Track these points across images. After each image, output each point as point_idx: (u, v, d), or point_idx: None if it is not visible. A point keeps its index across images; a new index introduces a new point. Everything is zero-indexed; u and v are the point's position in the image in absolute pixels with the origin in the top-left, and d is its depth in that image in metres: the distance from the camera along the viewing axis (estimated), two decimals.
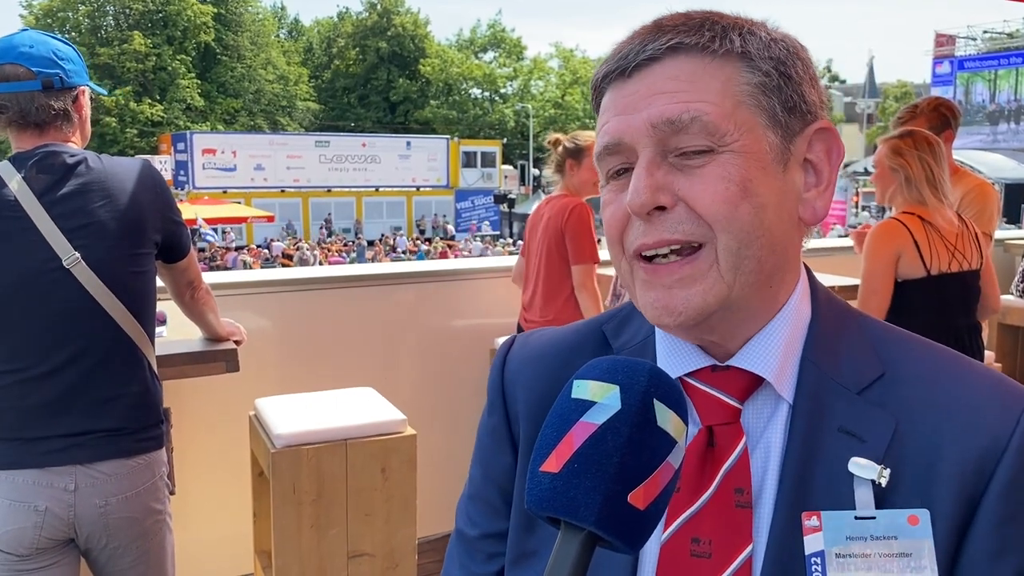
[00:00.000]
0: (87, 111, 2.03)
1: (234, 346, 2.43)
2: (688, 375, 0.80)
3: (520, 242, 3.81)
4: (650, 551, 0.77)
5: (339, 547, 2.61)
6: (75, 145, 1.98)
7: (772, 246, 0.75)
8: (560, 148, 3.46)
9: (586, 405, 0.61)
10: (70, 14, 44.64)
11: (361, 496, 2.61)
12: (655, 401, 0.60)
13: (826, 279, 3.82)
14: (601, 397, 0.61)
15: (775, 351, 0.78)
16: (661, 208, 0.74)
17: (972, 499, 0.72)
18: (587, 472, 0.58)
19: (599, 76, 0.79)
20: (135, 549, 1.94)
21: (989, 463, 0.72)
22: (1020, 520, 0.72)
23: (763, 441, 0.78)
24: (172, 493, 2.12)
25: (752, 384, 0.78)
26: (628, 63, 0.76)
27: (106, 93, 2.07)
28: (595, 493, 0.57)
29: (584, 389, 0.62)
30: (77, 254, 1.84)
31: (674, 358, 0.81)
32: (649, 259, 0.76)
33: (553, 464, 0.60)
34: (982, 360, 3.02)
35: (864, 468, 0.73)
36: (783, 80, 0.76)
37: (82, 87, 2.00)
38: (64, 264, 1.83)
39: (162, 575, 2.02)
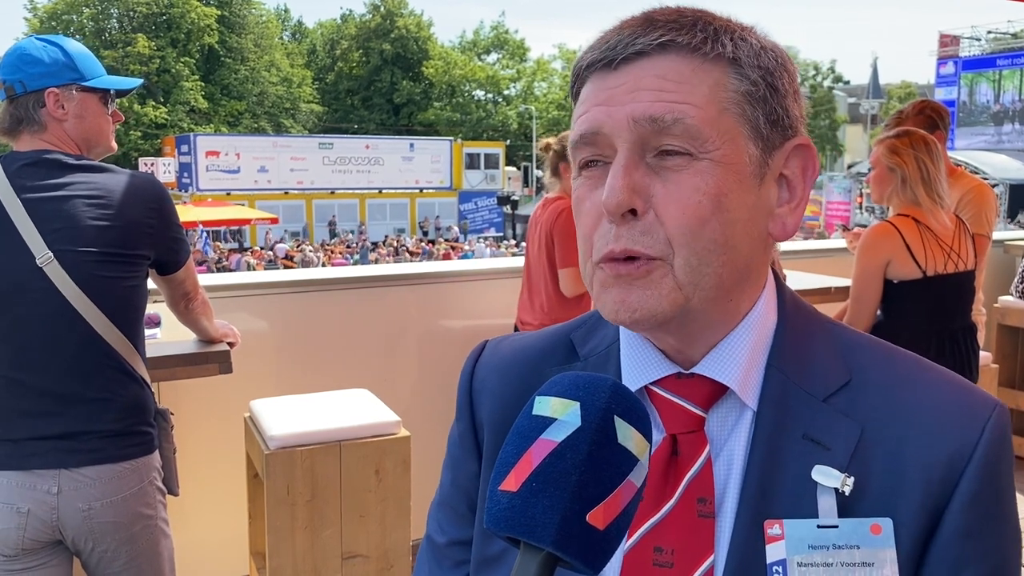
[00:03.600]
0: (70, 111, 1.95)
1: (227, 348, 2.43)
2: (653, 383, 0.79)
3: (524, 243, 3.83)
4: (612, 561, 0.75)
5: (333, 548, 2.61)
6: (71, 149, 1.95)
7: (734, 262, 0.74)
8: (551, 152, 3.50)
9: (546, 422, 0.60)
10: (74, 17, 44.81)
11: (355, 497, 2.61)
12: (616, 418, 0.59)
13: (824, 280, 3.82)
14: (561, 414, 0.60)
15: (739, 358, 0.77)
16: (633, 212, 0.72)
17: (936, 509, 0.71)
18: (545, 491, 0.57)
19: (582, 64, 0.77)
20: (124, 554, 1.94)
21: (954, 473, 0.72)
22: (982, 531, 0.72)
23: (726, 449, 0.77)
24: (175, 495, 2.10)
25: (716, 392, 0.77)
26: (615, 55, 0.74)
27: (107, 87, 2.02)
28: (553, 512, 0.56)
29: (545, 406, 0.61)
30: (51, 253, 1.82)
31: (638, 366, 0.81)
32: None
33: (512, 483, 0.58)
34: (977, 361, 3.01)
35: (828, 476, 0.72)
36: (769, 91, 0.75)
37: (49, 89, 1.92)
38: (37, 263, 1.82)
39: None
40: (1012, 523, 0.75)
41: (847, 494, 0.71)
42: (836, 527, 0.71)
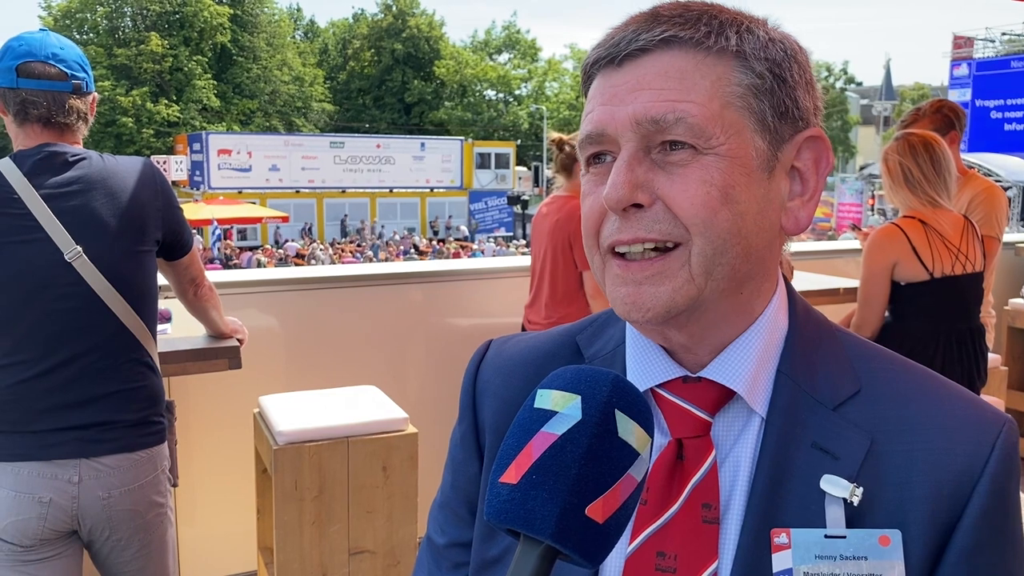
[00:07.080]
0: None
1: (237, 343, 2.45)
2: (659, 386, 0.78)
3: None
4: (614, 564, 0.76)
5: (340, 544, 2.62)
6: (78, 146, 2.01)
7: (747, 253, 0.73)
8: (568, 149, 3.47)
9: (547, 415, 0.60)
10: (88, 15, 44.99)
11: (362, 493, 2.63)
12: (616, 412, 0.59)
13: (833, 281, 3.81)
14: (563, 407, 0.60)
15: (748, 363, 0.76)
16: (638, 206, 0.72)
17: (946, 524, 0.71)
18: (545, 483, 0.57)
19: (589, 61, 0.77)
20: (137, 542, 1.97)
21: (964, 488, 0.71)
22: (991, 548, 0.71)
23: (732, 455, 0.76)
24: (175, 485, 2.14)
25: (723, 397, 0.76)
26: (619, 52, 0.74)
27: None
28: (552, 505, 0.56)
29: (547, 399, 0.61)
30: (79, 248, 1.87)
31: (645, 368, 0.79)
32: (622, 255, 0.74)
33: (512, 475, 0.58)
34: (985, 363, 3.00)
35: (836, 486, 0.71)
36: (777, 83, 0.73)
37: (94, 93, 2.06)
38: (66, 258, 1.86)
39: (163, 567, 2.05)
40: (1018, 540, 0.74)
41: (856, 505, 0.70)
42: (844, 537, 0.70)
